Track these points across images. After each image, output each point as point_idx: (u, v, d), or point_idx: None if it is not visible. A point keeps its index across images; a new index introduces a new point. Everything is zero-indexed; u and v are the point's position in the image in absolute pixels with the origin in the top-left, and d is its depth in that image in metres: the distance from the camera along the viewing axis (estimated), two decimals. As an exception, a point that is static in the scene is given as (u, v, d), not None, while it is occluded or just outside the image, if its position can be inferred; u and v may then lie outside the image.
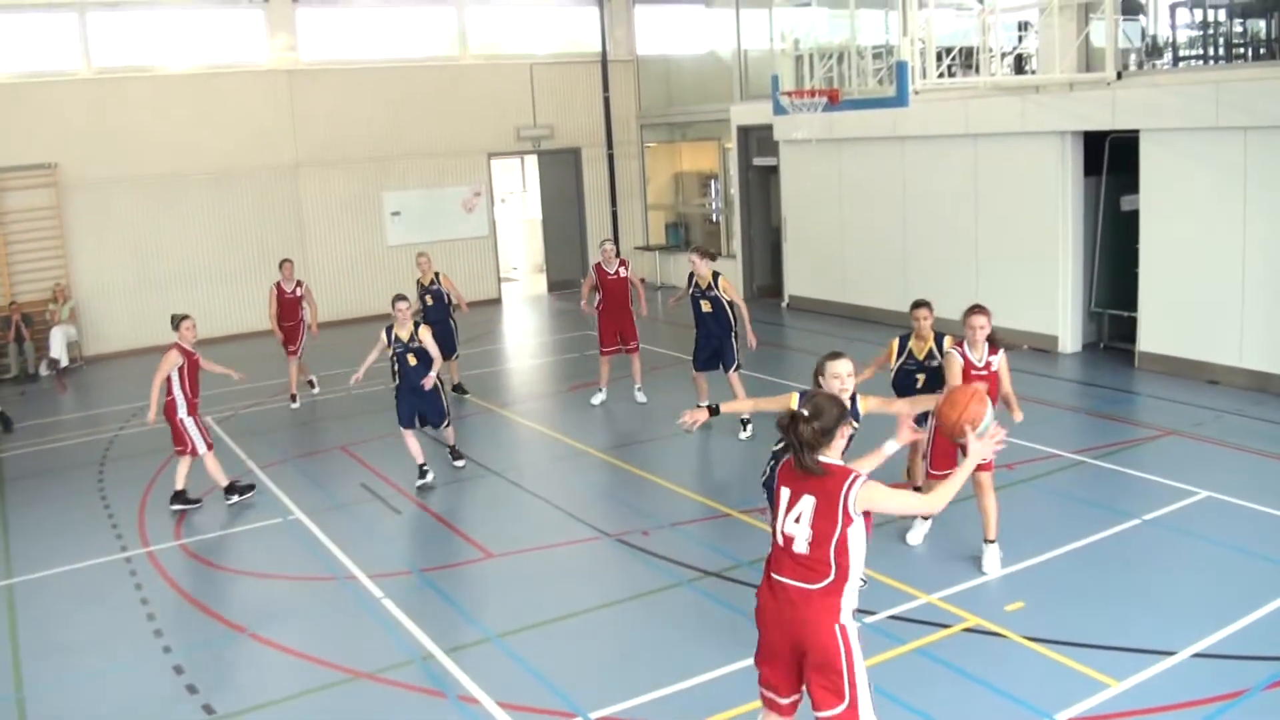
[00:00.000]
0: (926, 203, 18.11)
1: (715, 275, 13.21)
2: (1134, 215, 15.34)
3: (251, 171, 21.86)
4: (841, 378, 7.16)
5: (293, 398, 15.96)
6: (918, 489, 9.53)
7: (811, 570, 5.37)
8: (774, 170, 21.75)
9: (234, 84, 21.59)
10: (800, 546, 5.40)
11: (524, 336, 21.02)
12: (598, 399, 15.03)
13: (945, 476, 6.23)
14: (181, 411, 11.54)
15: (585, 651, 8.23)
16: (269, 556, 10.59)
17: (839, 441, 5.48)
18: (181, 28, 21.18)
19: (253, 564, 10.35)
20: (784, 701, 5.68)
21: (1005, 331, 16.51)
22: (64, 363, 19.52)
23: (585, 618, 8.74)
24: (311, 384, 16.52)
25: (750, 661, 5.88)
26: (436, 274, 15.43)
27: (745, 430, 13.24)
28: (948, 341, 9.58)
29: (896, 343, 10.17)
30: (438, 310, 15.27)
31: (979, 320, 9.09)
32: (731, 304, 13.20)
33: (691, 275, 13.38)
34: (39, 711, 7.85)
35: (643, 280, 15.84)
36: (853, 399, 7.39)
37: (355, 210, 22.93)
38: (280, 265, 16.31)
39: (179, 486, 11.73)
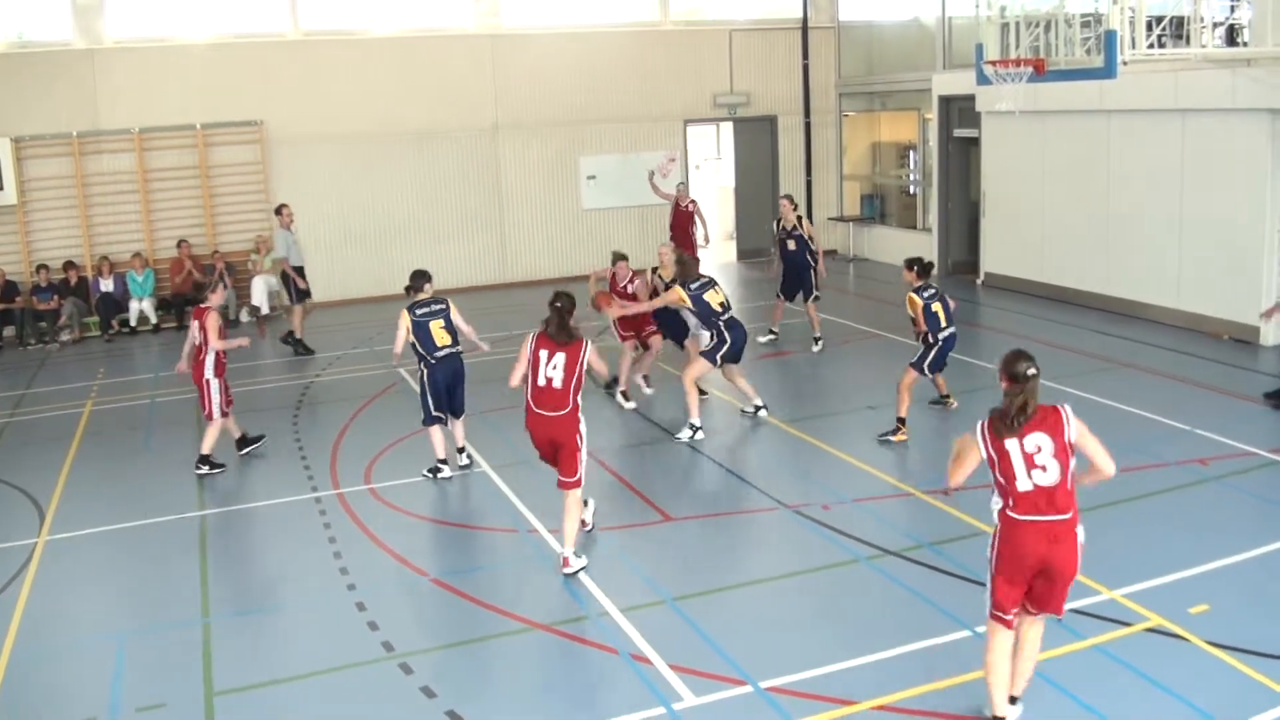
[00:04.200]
0: (1131, 180, 17.34)
1: (799, 218, 15.94)
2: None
3: (452, 134, 22.39)
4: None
5: None
6: None
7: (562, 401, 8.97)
8: (975, 142, 21.17)
9: (438, 48, 22.11)
10: (557, 385, 8.94)
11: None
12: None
13: None
14: (209, 371, 11.69)
15: (758, 621, 8.25)
16: (454, 506, 10.95)
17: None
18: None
19: (438, 512, 10.72)
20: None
21: (1205, 320, 15.97)
22: (265, 310, 20.48)
23: (760, 587, 8.78)
24: None
25: (921, 645, 6.89)
26: None
27: (816, 346, 15.96)
28: None
29: None
30: None
31: None
32: (811, 239, 15.80)
33: (779, 220, 16.13)
34: (224, 637, 8.30)
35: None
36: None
37: (552, 173, 23.26)
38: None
39: (204, 450, 11.86)
